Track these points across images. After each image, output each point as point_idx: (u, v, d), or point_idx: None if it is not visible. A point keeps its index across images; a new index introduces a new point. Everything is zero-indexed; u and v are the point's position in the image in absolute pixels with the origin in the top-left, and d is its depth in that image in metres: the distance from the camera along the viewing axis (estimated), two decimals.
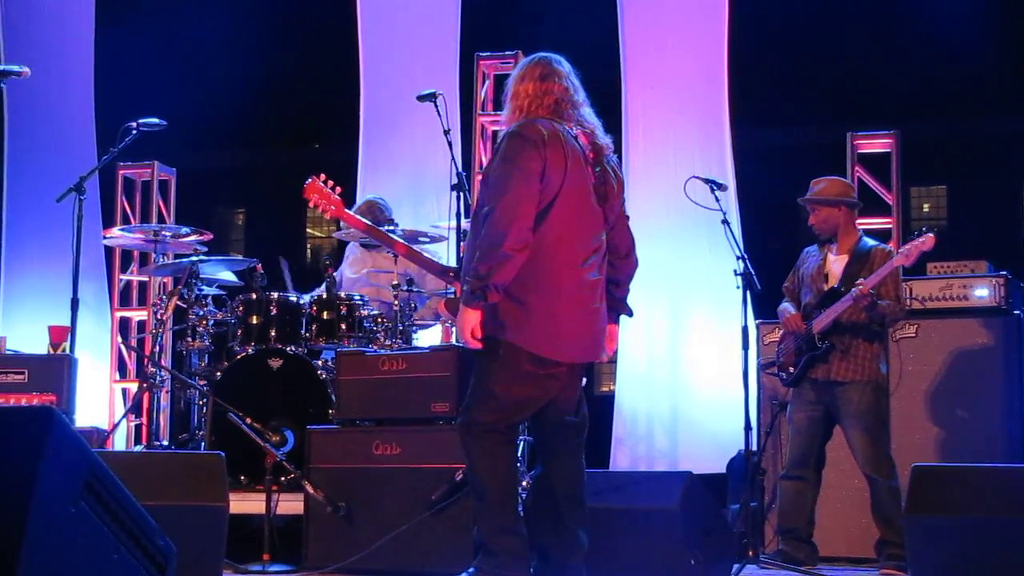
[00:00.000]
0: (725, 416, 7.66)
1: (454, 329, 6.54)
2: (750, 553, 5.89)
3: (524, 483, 6.33)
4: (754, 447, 6.37)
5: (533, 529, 4.85)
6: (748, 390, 6.27)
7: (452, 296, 4.98)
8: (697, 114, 8.56)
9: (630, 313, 5.05)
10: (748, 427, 6.23)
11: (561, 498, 4.83)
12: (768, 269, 6.75)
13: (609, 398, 8.76)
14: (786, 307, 6.58)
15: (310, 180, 5.60)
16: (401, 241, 5.65)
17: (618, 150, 8.33)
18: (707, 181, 6.44)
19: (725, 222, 6.28)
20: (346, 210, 5.61)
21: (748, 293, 6.28)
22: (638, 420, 8.45)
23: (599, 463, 8.19)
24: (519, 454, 6.66)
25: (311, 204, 5.65)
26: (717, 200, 6.38)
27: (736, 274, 6.26)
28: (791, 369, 6.46)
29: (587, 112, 4.90)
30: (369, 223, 5.73)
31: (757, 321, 7.34)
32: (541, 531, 4.84)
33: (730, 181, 8.14)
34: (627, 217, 5.00)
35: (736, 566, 5.60)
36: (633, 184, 8.53)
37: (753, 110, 8.98)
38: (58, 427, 2.49)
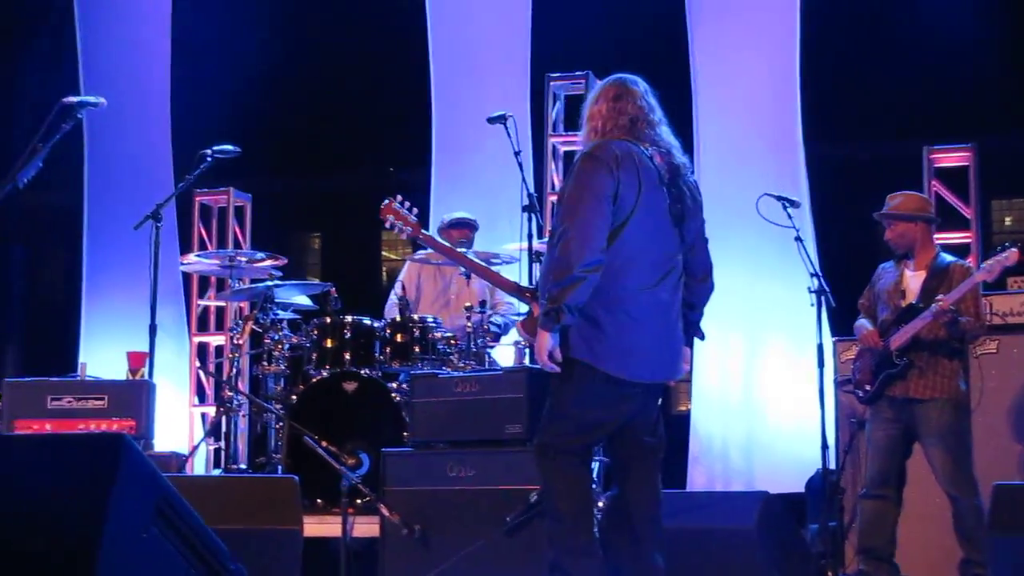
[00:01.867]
0: (802, 435, 7.58)
1: (527, 350, 6.55)
2: (829, 574, 5.81)
3: (600, 504, 6.31)
4: (832, 466, 6.30)
5: (609, 551, 4.82)
6: (824, 408, 6.20)
7: (529, 317, 4.97)
8: (769, 130, 8.50)
9: (702, 336, 5.02)
10: (825, 446, 6.16)
11: (637, 520, 4.80)
12: (844, 286, 6.68)
13: (685, 418, 8.71)
14: (863, 323, 6.50)
15: (386, 201, 5.63)
16: (478, 261, 5.65)
17: (691, 169, 8.33)
18: (779, 198, 6.39)
19: (798, 239, 6.23)
20: (423, 230, 5.63)
21: (823, 310, 6.22)
22: (714, 440, 8.39)
23: (675, 483, 8.13)
24: (595, 475, 6.63)
25: (387, 225, 5.69)
26: (790, 217, 6.33)
27: (810, 291, 6.20)
28: (868, 387, 6.37)
29: (664, 131, 4.88)
30: (446, 243, 5.75)
31: (834, 339, 7.26)
32: (617, 553, 4.81)
33: (804, 197, 8.07)
34: (706, 239, 4.97)
35: None
36: (705, 203, 8.49)
37: (827, 124, 8.90)
38: (129, 454, 2.51)
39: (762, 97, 8.58)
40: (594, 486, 6.42)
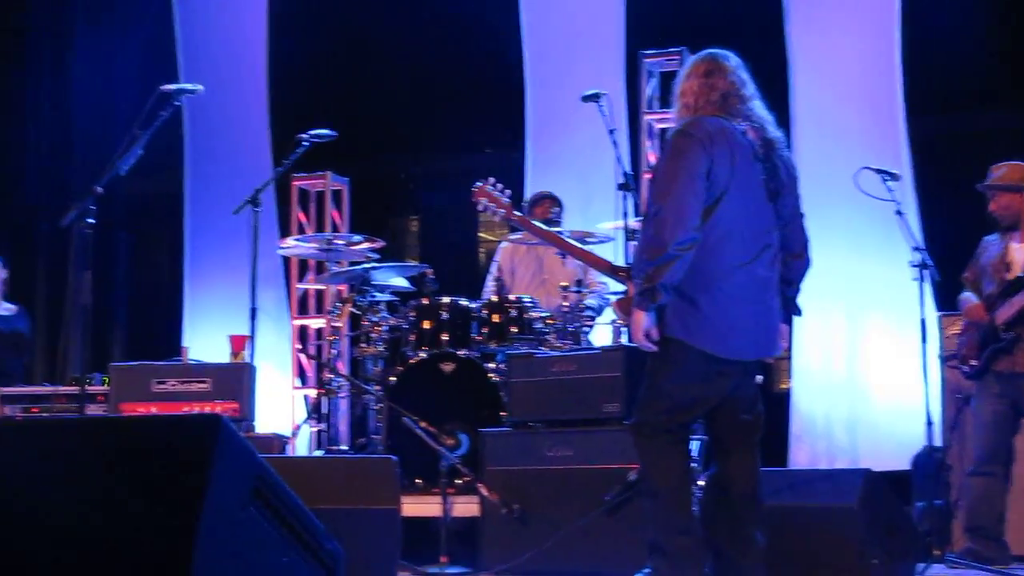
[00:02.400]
0: (907, 411, 7.46)
1: (623, 329, 6.52)
2: (936, 552, 5.72)
3: (699, 483, 6.27)
4: (938, 443, 6.19)
5: (708, 529, 4.79)
6: (928, 384, 6.10)
7: (625, 296, 4.95)
8: (868, 102, 8.36)
9: (799, 313, 4.96)
10: (930, 422, 6.06)
11: (736, 497, 4.76)
12: (948, 260, 6.56)
13: (786, 396, 8.62)
14: (967, 297, 6.38)
15: (479, 184, 5.65)
16: (563, 238, 5.64)
17: (787, 143, 8.21)
18: (879, 171, 6.28)
19: (899, 213, 6.13)
20: (516, 211, 5.63)
21: (926, 285, 6.11)
22: (816, 417, 8.30)
23: (777, 461, 8.06)
24: (695, 454, 6.59)
25: (480, 208, 5.70)
26: (890, 191, 6.22)
27: (912, 265, 6.09)
28: (973, 362, 6.25)
29: (757, 106, 4.82)
30: (540, 225, 5.75)
31: (938, 313, 7.14)
32: (717, 531, 4.78)
33: (905, 170, 7.93)
34: (802, 215, 4.91)
35: (921, 565, 5.44)
36: (802, 177, 8.37)
37: (929, 95, 8.73)
38: (226, 434, 2.53)
39: (860, 69, 8.44)
40: (694, 464, 6.40)
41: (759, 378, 6.90)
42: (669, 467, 4.71)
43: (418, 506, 6.38)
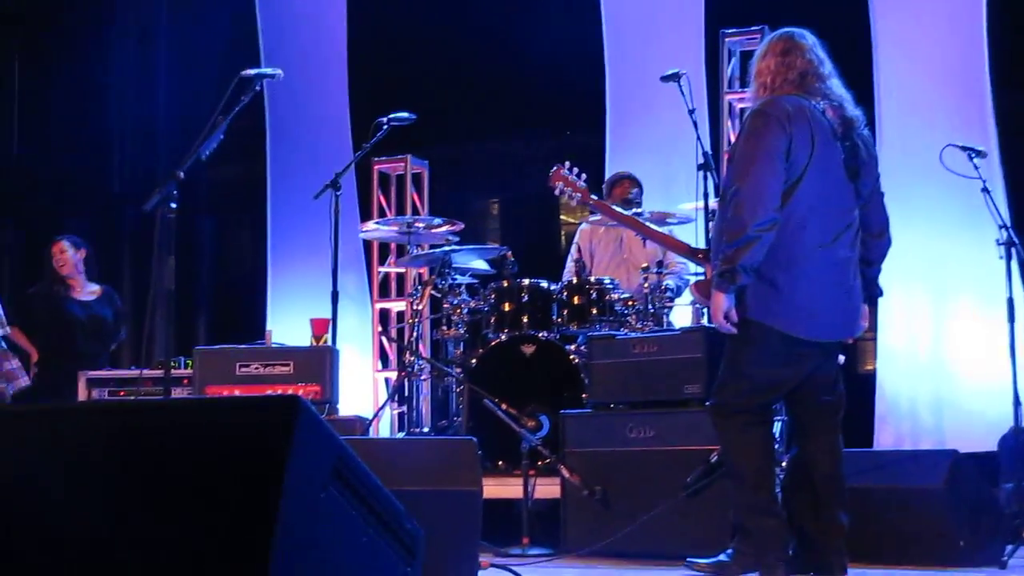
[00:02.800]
0: (994, 392, 7.34)
1: (704, 310, 6.48)
2: (1023, 534, 5.63)
3: (782, 464, 6.22)
4: None
5: (791, 510, 4.76)
6: (1016, 364, 6.00)
7: (703, 279, 4.92)
8: (953, 77, 8.21)
9: (880, 293, 4.91)
10: (1018, 403, 5.97)
11: (819, 478, 4.73)
12: None
13: (871, 377, 8.52)
14: None
15: (555, 168, 5.64)
16: (640, 221, 5.61)
17: (870, 121, 8.09)
18: (965, 148, 6.18)
19: (986, 190, 6.02)
20: (592, 195, 5.62)
21: (1013, 263, 6.01)
22: (901, 398, 8.20)
23: (862, 442, 7.97)
24: (777, 435, 6.54)
25: (556, 192, 5.69)
26: (976, 168, 6.12)
27: (999, 244, 5.99)
28: None
29: (835, 84, 4.77)
30: (616, 208, 5.73)
31: None
32: (799, 512, 4.75)
33: (992, 147, 7.79)
34: (882, 193, 4.84)
35: (1008, 547, 5.35)
36: (887, 155, 8.25)
37: (1018, 69, 8.56)
38: (305, 415, 2.55)
39: (945, 44, 8.29)
40: (776, 446, 6.35)
41: (842, 359, 6.85)
42: (750, 448, 4.69)
43: (499, 488, 6.39)
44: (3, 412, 2.82)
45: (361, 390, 9.38)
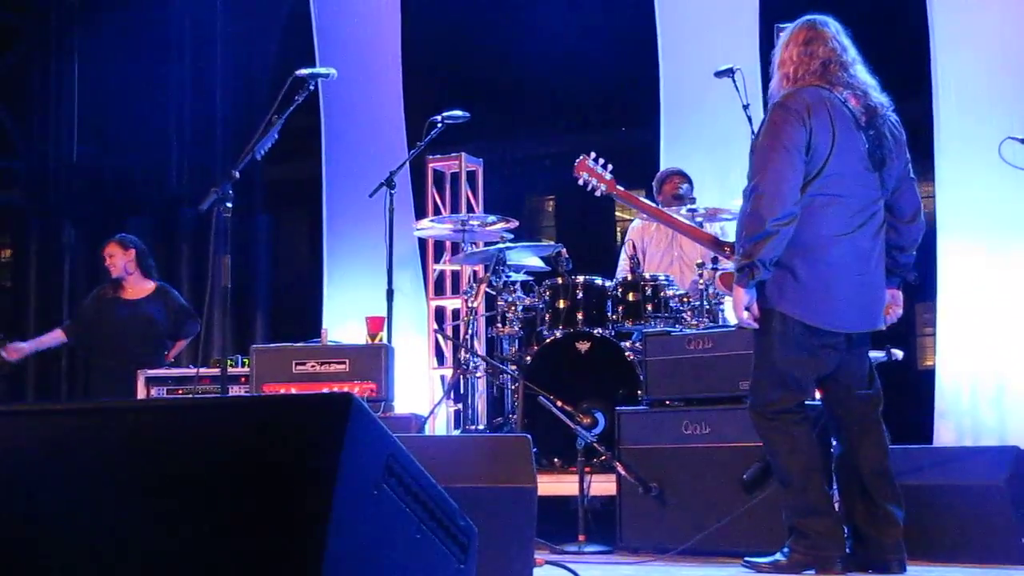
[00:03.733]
0: None
1: None
2: None
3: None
4: None
5: (845, 508, 4.73)
6: None
7: (729, 271, 4.94)
8: (1012, 69, 8.10)
9: (915, 279, 4.90)
10: None
11: (867, 475, 4.71)
12: None
13: (930, 372, 8.44)
14: None
15: (580, 158, 5.68)
16: (668, 213, 5.60)
17: (928, 113, 8.02)
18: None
19: None
20: (618, 186, 5.63)
21: None
22: (961, 394, 8.10)
23: (921, 439, 7.90)
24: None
25: (580, 183, 5.73)
26: None
27: None
28: None
29: (859, 71, 4.77)
30: (642, 199, 5.74)
31: None
32: (852, 510, 4.72)
33: None
34: (913, 179, 4.83)
35: None
36: (945, 149, 8.18)
37: None
38: (358, 413, 2.54)
39: (1004, 34, 8.17)
40: (834, 442, 6.30)
41: (899, 354, 6.79)
42: (794, 449, 4.67)
43: (555, 485, 6.39)
44: (24, 411, 2.85)
45: (417, 387, 9.41)
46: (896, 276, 4.84)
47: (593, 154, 5.67)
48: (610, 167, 5.64)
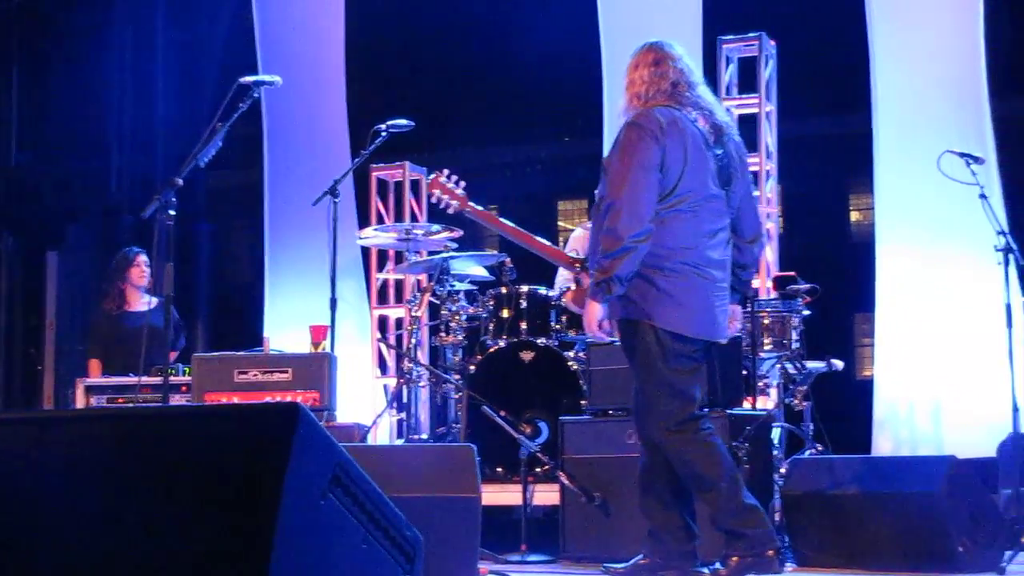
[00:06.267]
0: (992, 398, 7.35)
1: None
2: (1023, 540, 5.63)
3: (781, 470, 6.23)
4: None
5: (646, 513, 4.92)
6: (1014, 370, 6.00)
7: (576, 289, 5.02)
8: (951, 84, 8.23)
9: (753, 295, 5.07)
10: (1016, 408, 5.97)
11: (669, 483, 4.85)
12: None
13: (869, 383, 8.53)
14: None
15: (433, 175, 5.80)
16: (523, 231, 5.67)
17: (867, 127, 8.12)
18: (962, 155, 6.18)
19: (983, 196, 6.03)
20: (470, 203, 5.69)
21: (1011, 269, 6.01)
22: (899, 404, 8.20)
23: (860, 448, 7.99)
24: (775, 441, 6.55)
25: (434, 200, 5.82)
26: (974, 174, 6.13)
27: (997, 250, 6.00)
28: None
29: (704, 92, 4.94)
30: (493, 214, 5.81)
31: (1023, 298, 7.03)
32: (651, 515, 4.90)
33: (990, 154, 7.81)
34: (755, 199, 5.00)
35: (1008, 553, 5.36)
36: (885, 161, 8.29)
37: (1016, 77, 8.59)
38: (305, 422, 2.55)
39: (943, 51, 8.30)
40: (776, 452, 6.37)
41: (839, 364, 6.86)
42: (712, 454, 4.78)
43: (498, 495, 6.40)
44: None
45: (359, 397, 9.38)
46: (737, 293, 5.00)
47: (447, 171, 5.79)
48: (463, 184, 5.74)
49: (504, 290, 7.20)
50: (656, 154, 4.64)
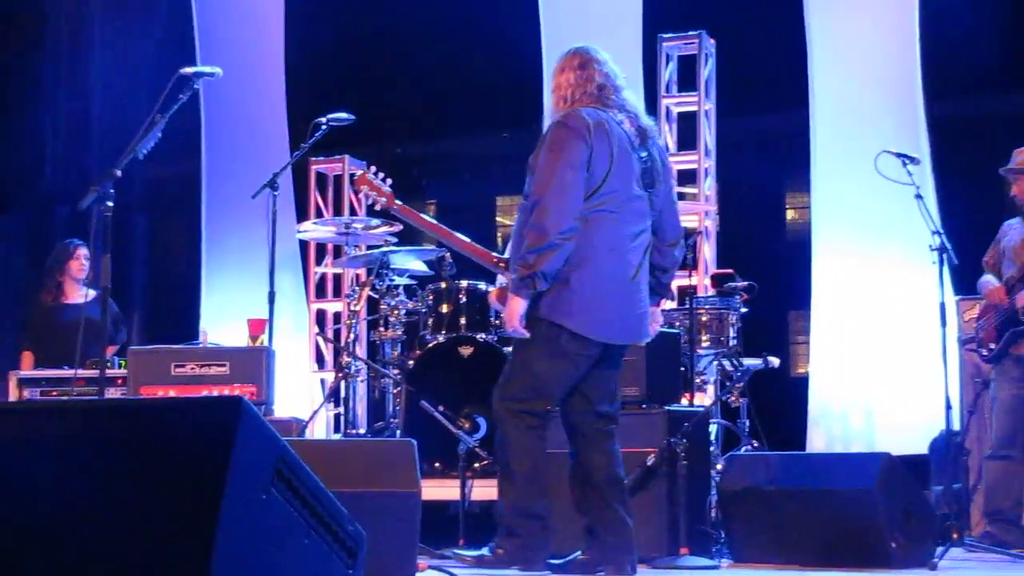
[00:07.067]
0: (925, 395, 7.45)
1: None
2: (955, 536, 5.71)
3: (719, 466, 6.28)
4: (956, 427, 6.18)
5: (579, 510, 4.96)
6: (947, 368, 6.08)
7: (503, 286, 5.05)
8: (887, 85, 8.33)
9: (673, 297, 5.11)
10: (948, 406, 6.04)
11: (602, 481, 4.91)
12: (966, 244, 6.54)
13: (804, 380, 8.61)
14: (988, 280, 6.37)
15: (360, 172, 5.81)
16: (447, 229, 5.70)
17: (804, 126, 8.19)
18: (899, 155, 6.25)
19: (919, 196, 6.10)
20: (397, 201, 5.72)
21: (945, 268, 6.09)
22: (832, 402, 8.29)
23: (794, 445, 8.07)
24: (712, 438, 6.60)
25: (361, 196, 5.83)
26: (910, 174, 6.19)
27: (932, 249, 6.07)
28: (992, 345, 6.25)
29: (629, 96, 5.01)
30: (420, 214, 5.84)
31: (957, 297, 7.12)
32: (587, 511, 4.94)
33: (924, 154, 7.90)
34: (676, 203, 5.07)
35: (940, 549, 5.43)
36: (822, 160, 8.38)
37: (949, 79, 8.69)
38: (248, 416, 2.54)
39: (879, 52, 8.40)
40: (712, 448, 6.41)
41: (775, 362, 6.92)
42: (527, 451, 4.85)
43: (436, 490, 6.39)
44: None
45: (297, 391, 9.34)
46: (656, 295, 5.06)
47: (374, 168, 5.81)
48: (389, 181, 5.75)
49: (444, 285, 7.19)
50: (583, 153, 4.69)
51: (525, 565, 4.82)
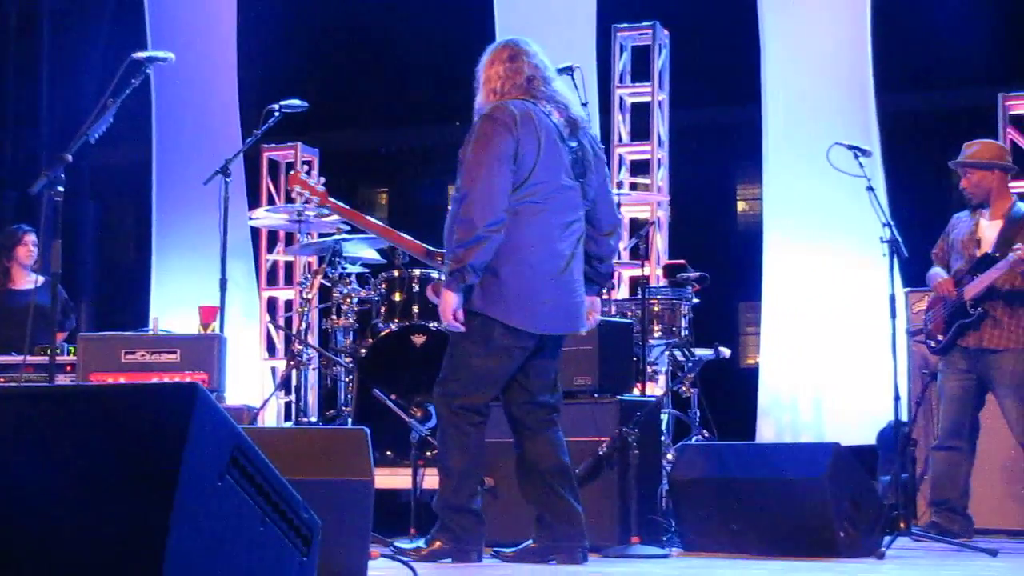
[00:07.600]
0: (873, 386, 7.52)
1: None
2: (902, 525, 5.77)
3: (669, 456, 6.31)
4: (904, 417, 6.24)
5: (529, 500, 5.00)
6: (896, 359, 6.14)
7: (439, 281, 5.07)
8: (839, 79, 8.40)
9: (612, 287, 5.14)
10: (897, 397, 6.10)
11: (547, 471, 4.95)
12: (916, 237, 6.60)
13: (753, 371, 8.67)
14: (937, 272, 6.43)
15: (293, 172, 5.95)
16: (384, 225, 5.71)
17: (756, 118, 8.24)
18: (850, 147, 6.29)
19: (870, 188, 6.15)
20: (330, 198, 5.74)
21: (895, 261, 6.14)
22: (782, 392, 8.36)
23: (744, 435, 8.12)
24: (663, 427, 6.63)
25: (294, 195, 5.86)
26: (861, 167, 6.24)
27: (882, 241, 6.12)
28: (940, 337, 6.31)
29: (560, 87, 5.04)
30: (355, 211, 5.87)
31: (906, 289, 7.19)
32: (536, 501, 4.98)
33: (875, 147, 7.97)
34: (610, 193, 5.11)
35: (887, 538, 5.49)
36: (774, 152, 8.43)
37: (900, 73, 8.77)
38: (203, 403, 2.53)
39: (831, 46, 8.47)
40: (664, 438, 6.44)
41: (726, 352, 6.95)
42: (465, 448, 4.91)
43: (388, 478, 6.39)
44: None
45: (248, 379, 9.30)
46: (595, 284, 5.08)
47: (307, 167, 5.85)
48: (323, 180, 5.78)
49: (396, 273, 7.19)
50: (510, 145, 4.71)
51: (458, 557, 4.90)
